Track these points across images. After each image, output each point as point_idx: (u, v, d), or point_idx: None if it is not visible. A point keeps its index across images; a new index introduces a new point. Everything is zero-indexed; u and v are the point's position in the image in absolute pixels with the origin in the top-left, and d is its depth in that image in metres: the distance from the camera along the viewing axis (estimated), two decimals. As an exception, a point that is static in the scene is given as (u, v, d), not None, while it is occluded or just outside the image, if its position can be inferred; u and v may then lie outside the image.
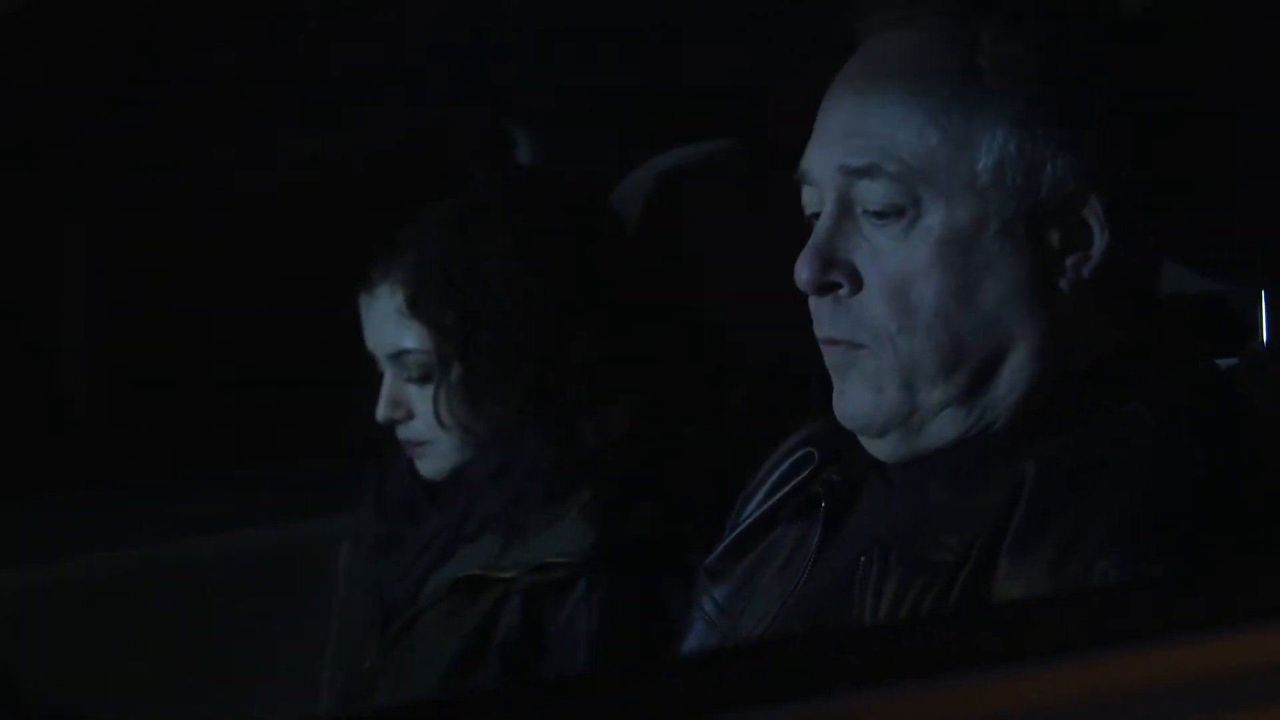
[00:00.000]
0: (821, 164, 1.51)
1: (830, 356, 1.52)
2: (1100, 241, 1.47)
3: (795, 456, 1.68)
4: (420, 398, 2.09)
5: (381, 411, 2.10)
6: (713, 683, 1.14)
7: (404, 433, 2.11)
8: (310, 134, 2.64)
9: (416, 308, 2.06)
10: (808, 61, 1.54)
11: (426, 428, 2.09)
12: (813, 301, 1.52)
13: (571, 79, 2.33)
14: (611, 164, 2.36)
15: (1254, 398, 1.55)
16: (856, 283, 1.49)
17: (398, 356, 2.09)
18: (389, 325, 2.09)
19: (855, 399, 1.51)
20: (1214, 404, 1.49)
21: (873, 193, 1.47)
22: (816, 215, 1.52)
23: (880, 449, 1.53)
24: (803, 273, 1.50)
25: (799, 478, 1.66)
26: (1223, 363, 1.64)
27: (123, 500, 2.55)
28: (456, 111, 2.52)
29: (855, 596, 1.48)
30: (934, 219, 1.46)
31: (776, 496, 1.67)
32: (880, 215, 1.47)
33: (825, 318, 1.51)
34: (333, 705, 2.15)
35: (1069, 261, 1.47)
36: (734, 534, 1.69)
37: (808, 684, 1.13)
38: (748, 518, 1.69)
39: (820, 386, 1.56)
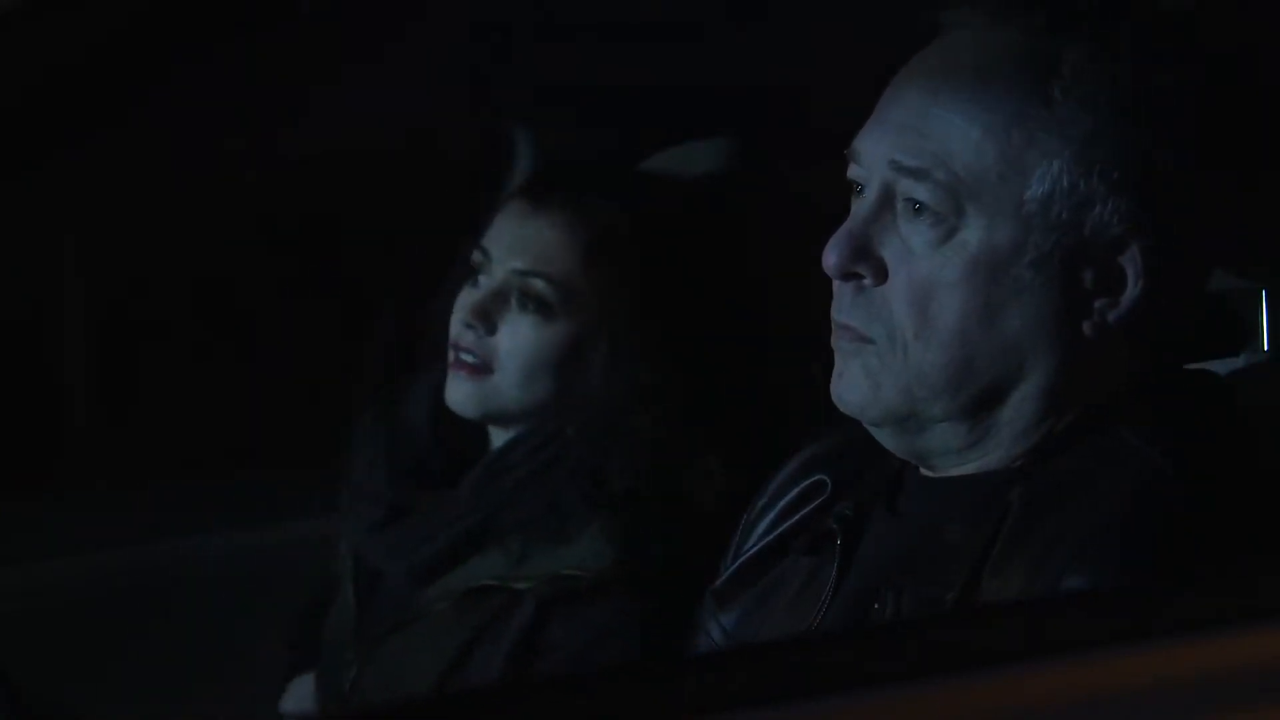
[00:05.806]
0: (873, 150, 1.48)
1: (838, 339, 1.50)
2: (1133, 290, 1.44)
3: (806, 483, 1.65)
4: (516, 322, 2.04)
5: (467, 316, 2.04)
6: (711, 683, 1.14)
7: (473, 341, 2.04)
8: (311, 133, 2.64)
9: (574, 246, 2.02)
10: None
11: (499, 353, 2.03)
12: (836, 283, 1.50)
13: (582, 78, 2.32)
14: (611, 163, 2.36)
15: (1254, 398, 1.55)
16: (881, 277, 1.47)
17: (526, 275, 2.03)
18: (539, 242, 2.05)
19: (851, 386, 1.49)
20: (1201, 419, 1.48)
21: (917, 192, 1.45)
22: (860, 189, 1.50)
23: (879, 436, 1.52)
24: (830, 257, 1.48)
25: (810, 506, 1.63)
26: (1223, 363, 1.64)
27: (123, 500, 2.55)
28: (455, 110, 2.52)
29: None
30: (972, 234, 1.44)
31: (787, 524, 1.65)
32: (920, 214, 1.45)
33: (844, 303, 1.49)
34: (317, 702, 2.14)
35: (1097, 304, 1.45)
36: (743, 559, 1.67)
37: (805, 684, 1.13)
38: (755, 543, 1.67)
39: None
